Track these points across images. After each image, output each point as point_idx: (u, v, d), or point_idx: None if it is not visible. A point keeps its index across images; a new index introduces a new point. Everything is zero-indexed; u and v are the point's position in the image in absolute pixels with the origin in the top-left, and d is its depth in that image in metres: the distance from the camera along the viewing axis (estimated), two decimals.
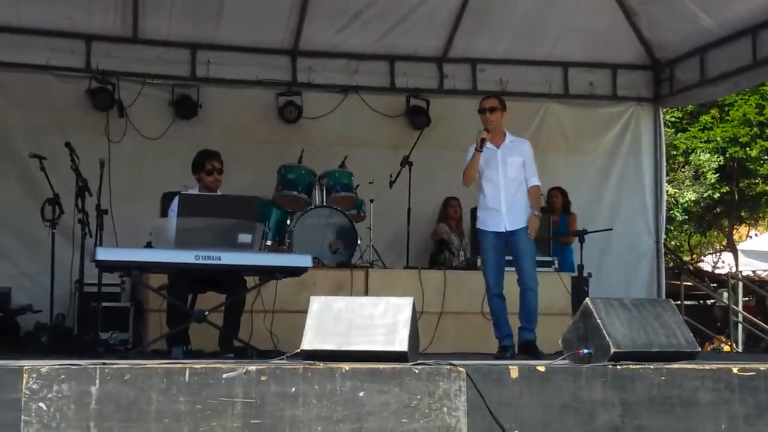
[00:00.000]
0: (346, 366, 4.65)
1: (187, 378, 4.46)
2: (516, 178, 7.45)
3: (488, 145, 7.37)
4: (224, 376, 4.50)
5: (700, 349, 5.56)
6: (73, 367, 4.41)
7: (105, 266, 6.65)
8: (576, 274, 8.91)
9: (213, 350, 6.84)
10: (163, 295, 6.91)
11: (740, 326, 14.79)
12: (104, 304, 8.35)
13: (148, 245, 6.96)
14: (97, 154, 8.13)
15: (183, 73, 10.40)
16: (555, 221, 9.91)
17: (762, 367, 5.18)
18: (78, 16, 9.90)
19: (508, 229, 7.38)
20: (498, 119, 7.46)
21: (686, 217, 19.77)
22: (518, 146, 7.53)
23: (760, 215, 21.54)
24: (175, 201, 6.96)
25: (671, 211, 18.09)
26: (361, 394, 4.60)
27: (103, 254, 6.33)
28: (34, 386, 4.32)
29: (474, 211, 9.60)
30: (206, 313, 6.56)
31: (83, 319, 8.26)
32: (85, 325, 8.12)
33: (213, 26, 10.28)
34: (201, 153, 7.42)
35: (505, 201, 7.40)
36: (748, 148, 19.26)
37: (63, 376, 4.36)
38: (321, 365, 4.68)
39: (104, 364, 4.50)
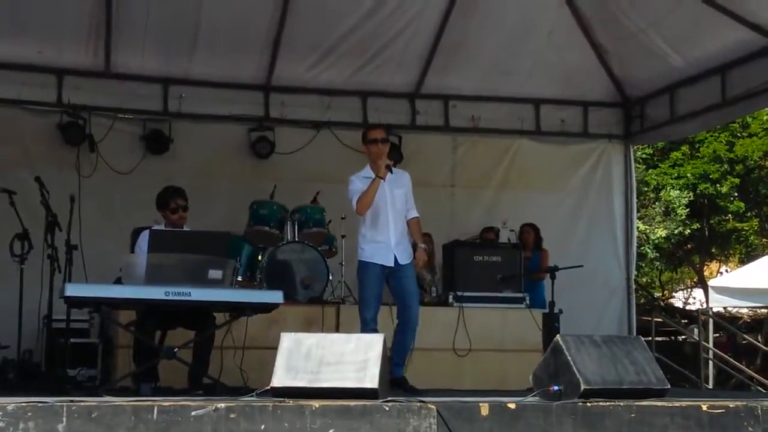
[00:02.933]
0: (316, 403, 4.62)
1: (155, 415, 4.42)
2: (401, 210, 7.47)
3: (373, 176, 7.34)
4: (193, 413, 4.46)
5: (669, 386, 5.57)
6: (40, 404, 4.36)
7: (74, 302, 6.58)
8: (547, 310, 8.93)
9: (182, 387, 6.78)
10: (131, 332, 6.86)
11: (710, 363, 14.84)
12: (72, 340, 8.25)
13: (118, 281, 6.90)
14: (68, 189, 8.07)
15: (155, 107, 10.38)
16: (527, 257, 9.94)
17: (731, 404, 5.19)
18: (49, 50, 9.87)
19: (399, 263, 7.35)
20: (386, 150, 7.48)
21: (657, 253, 19.87)
22: (401, 178, 7.56)
23: (731, 252, 21.69)
24: (142, 236, 6.93)
25: (642, 248, 18.18)
26: (331, 431, 4.57)
27: (72, 290, 6.28)
28: (1, 424, 4.26)
29: (447, 248, 9.67)
30: (175, 349, 6.51)
31: (51, 355, 8.17)
32: (53, 362, 8.04)
33: (185, 61, 10.28)
34: (164, 191, 7.39)
35: (394, 234, 7.38)
36: (718, 185, 19.43)
37: (30, 414, 4.30)
38: (291, 402, 4.65)
39: (71, 401, 4.45)
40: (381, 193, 7.35)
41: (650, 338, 12.50)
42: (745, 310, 19.49)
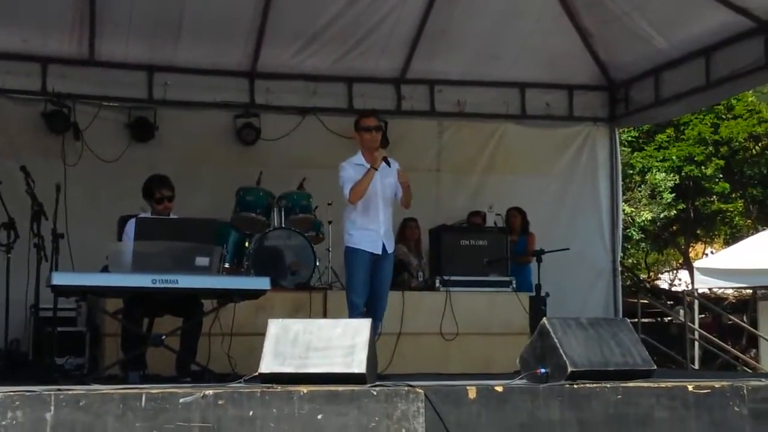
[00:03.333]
0: (304, 389, 4.64)
1: (143, 403, 4.43)
2: (390, 199, 7.51)
3: (366, 165, 7.38)
4: (181, 400, 4.46)
5: (655, 367, 5.61)
6: (28, 393, 4.36)
7: (61, 291, 6.58)
8: (534, 293, 8.95)
9: (170, 374, 6.79)
10: (119, 320, 6.86)
11: (696, 344, 14.92)
12: (60, 329, 8.21)
13: (105, 269, 6.90)
14: (53, 178, 8.03)
15: (140, 95, 10.35)
16: (513, 241, 9.97)
17: (717, 384, 5.23)
18: (34, 39, 9.82)
19: (387, 251, 7.42)
20: (379, 138, 7.53)
21: (643, 235, 19.94)
22: (392, 167, 7.54)
23: (716, 233, 21.78)
24: (129, 224, 6.93)
25: (628, 230, 18.24)
26: (319, 417, 4.59)
27: (59, 279, 6.28)
28: None
29: (433, 233, 9.69)
30: (163, 337, 6.52)
31: (38, 344, 8.16)
32: (41, 351, 8.02)
33: (170, 48, 10.24)
34: (150, 180, 7.39)
35: (383, 222, 7.43)
36: (703, 167, 19.49)
37: (17, 403, 4.30)
38: (279, 388, 4.66)
39: (59, 389, 4.46)
40: (372, 182, 7.36)
41: (636, 320, 12.58)
42: (730, 291, 19.60)
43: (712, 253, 21.00)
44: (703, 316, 17.53)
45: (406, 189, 7.46)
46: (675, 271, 23.53)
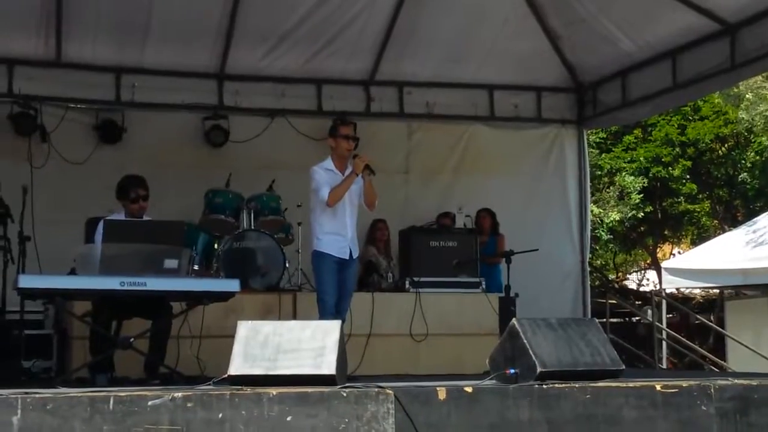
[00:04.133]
0: (273, 391, 4.63)
1: (111, 406, 4.40)
2: (357, 204, 7.63)
3: (336, 171, 7.48)
4: (149, 403, 4.45)
5: (624, 367, 5.64)
6: None
7: (28, 293, 6.54)
8: (503, 294, 8.99)
9: (138, 377, 6.75)
10: (87, 322, 6.82)
11: (664, 343, 15.02)
12: (27, 331, 8.16)
13: (72, 272, 6.86)
14: (20, 180, 7.99)
15: (107, 97, 10.28)
16: (483, 242, 9.99)
17: (684, 383, 5.28)
18: None
19: (353, 257, 7.54)
20: (355, 146, 7.59)
21: (611, 236, 20.05)
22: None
23: (683, 234, 21.93)
24: (99, 226, 6.88)
25: (596, 231, 18.34)
26: (288, 418, 4.58)
27: (26, 281, 6.24)
28: None
29: (403, 234, 9.70)
30: (131, 339, 6.49)
31: (5, 347, 8.08)
32: (8, 354, 7.95)
33: (138, 50, 10.19)
34: (125, 179, 7.35)
35: (350, 227, 7.54)
36: (670, 168, 19.63)
37: None
38: (248, 390, 4.65)
39: (26, 393, 4.43)
40: None
41: (605, 320, 12.67)
42: (697, 291, 19.75)
43: (679, 253, 21.15)
44: (670, 315, 17.65)
45: (369, 187, 7.46)
46: (643, 272, 23.67)
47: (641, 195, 19.43)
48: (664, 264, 15.99)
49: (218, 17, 10.07)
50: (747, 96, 18.86)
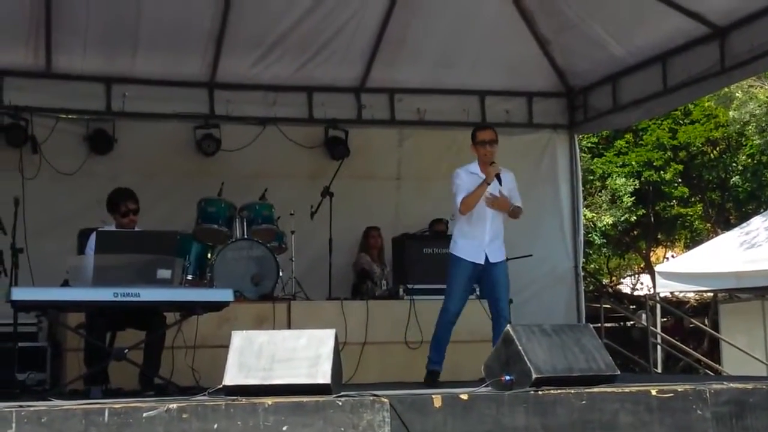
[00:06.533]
0: (269, 400, 4.62)
1: (106, 418, 4.39)
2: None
3: (480, 175, 7.46)
4: (144, 414, 4.43)
5: (619, 372, 5.64)
6: None
7: (21, 306, 6.52)
8: None
9: (133, 388, 6.74)
10: (80, 334, 6.80)
11: (659, 347, 15.03)
12: (20, 344, 8.14)
13: (65, 283, 6.84)
14: (11, 192, 7.98)
15: (98, 107, 10.26)
16: None
17: (680, 388, 5.27)
18: None
19: (490, 261, 7.48)
20: (496, 152, 7.53)
21: (604, 240, 20.06)
22: (504, 178, 7.60)
23: (676, 237, 21.96)
24: (92, 238, 6.87)
25: (589, 235, 18.34)
26: (284, 428, 4.57)
27: (19, 294, 6.22)
28: None
29: (396, 241, 9.70)
30: (125, 350, 6.47)
31: None
32: (1, 366, 7.93)
33: (128, 59, 10.18)
34: (115, 193, 7.34)
35: (489, 233, 7.50)
36: (662, 172, 19.64)
37: None
38: (243, 400, 4.64)
39: (21, 406, 4.41)
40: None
41: (599, 325, 12.67)
42: (691, 295, 19.76)
43: (673, 257, 21.18)
44: (665, 319, 17.67)
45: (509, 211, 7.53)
46: (637, 276, 23.68)
47: (633, 198, 19.45)
48: (657, 268, 16.01)
49: (208, 26, 10.06)
50: (737, 95, 18.89)
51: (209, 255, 8.84)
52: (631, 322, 18.38)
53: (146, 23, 9.80)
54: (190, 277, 8.65)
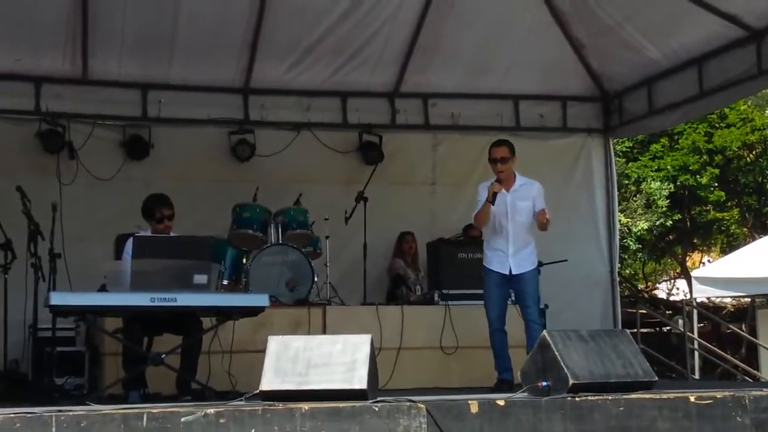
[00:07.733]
0: (305, 406, 4.63)
1: (144, 423, 4.41)
2: (524, 222, 7.66)
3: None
4: (182, 419, 4.45)
5: (657, 378, 5.60)
6: (29, 415, 4.35)
7: (59, 311, 6.58)
8: None
9: (170, 393, 6.77)
10: (118, 339, 6.85)
11: (696, 353, 14.91)
12: (59, 348, 8.21)
13: (103, 288, 6.89)
14: (49, 197, 8.02)
15: (134, 113, 10.32)
16: None
17: (719, 395, 5.23)
18: (26, 59, 9.80)
19: (513, 273, 7.57)
20: (509, 168, 7.61)
21: (640, 245, 19.95)
22: (528, 189, 7.70)
23: (712, 242, 21.79)
24: (129, 243, 6.91)
25: (624, 240, 18.25)
26: None
27: (57, 299, 6.27)
28: None
29: (431, 246, 9.70)
30: (163, 355, 6.51)
31: (38, 364, 8.14)
32: (40, 371, 8.01)
33: (164, 66, 10.24)
34: (150, 199, 7.38)
35: (512, 245, 7.59)
36: (698, 176, 19.52)
37: (18, 425, 4.29)
38: (280, 406, 4.65)
39: (60, 410, 4.45)
40: (501, 206, 7.57)
41: (635, 330, 12.57)
42: (728, 300, 19.59)
43: (709, 261, 21.02)
44: (701, 325, 17.52)
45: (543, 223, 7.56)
46: (673, 281, 23.52)
47: (668, 202, 19.33)
48: (694, 273, 15.89)
49: (243, 32, 10.11)
50: None
51: (244, 260, 8.87)
52: (668, 328, 18.24)
53: (182, 29, 9.86)
54: (225, 282, 8.68)
